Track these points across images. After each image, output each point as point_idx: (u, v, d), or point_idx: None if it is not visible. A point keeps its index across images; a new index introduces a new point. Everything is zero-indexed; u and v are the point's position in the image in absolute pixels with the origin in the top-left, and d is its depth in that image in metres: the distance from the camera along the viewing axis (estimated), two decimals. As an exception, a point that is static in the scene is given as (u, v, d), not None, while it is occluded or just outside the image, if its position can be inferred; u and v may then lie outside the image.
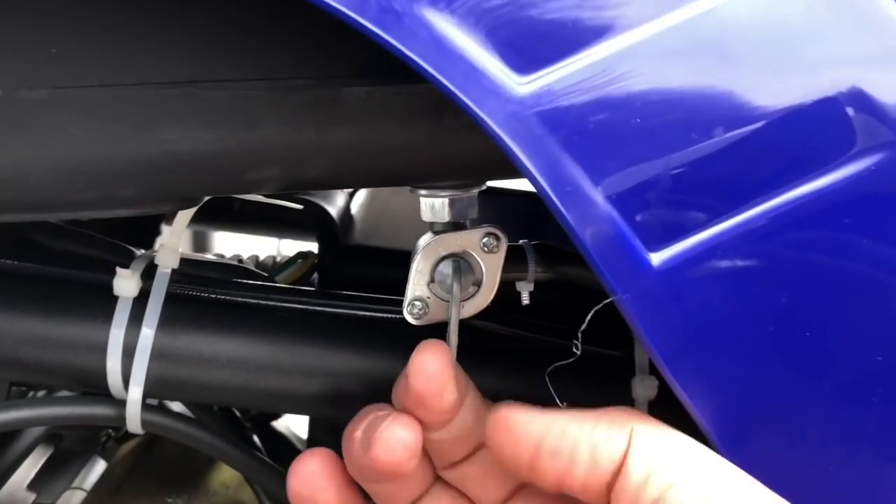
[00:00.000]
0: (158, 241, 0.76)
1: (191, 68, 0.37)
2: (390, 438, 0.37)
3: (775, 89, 0.34)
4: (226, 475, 0.68)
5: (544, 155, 0.33)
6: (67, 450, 0.76)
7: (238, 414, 0.68)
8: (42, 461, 0.75)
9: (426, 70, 0.32)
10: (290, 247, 0.86)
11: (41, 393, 0.66)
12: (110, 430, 0.72)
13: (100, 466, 0.73)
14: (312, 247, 0.78)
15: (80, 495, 0.70)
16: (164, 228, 0.74)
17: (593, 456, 0.36)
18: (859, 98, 0.35)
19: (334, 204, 0.68)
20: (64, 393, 0.68)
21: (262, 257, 0.79)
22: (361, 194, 0.74)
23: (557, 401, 0.40)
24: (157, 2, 0.37)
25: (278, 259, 0.76)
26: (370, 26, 0.31)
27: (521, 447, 0.37)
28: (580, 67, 0.33)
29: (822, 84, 0.34)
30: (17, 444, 0.70)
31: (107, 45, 0.37)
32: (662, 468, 0.35)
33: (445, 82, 0.32)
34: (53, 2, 0.36)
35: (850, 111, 0.35)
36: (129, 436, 0.72)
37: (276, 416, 0.68)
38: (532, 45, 0.33)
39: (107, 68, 0.37)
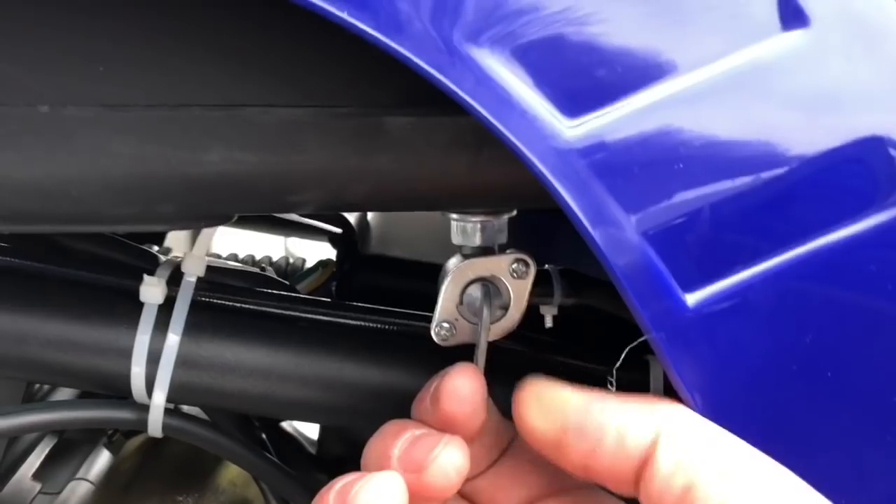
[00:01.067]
0: (168, 239, 0.77)
1: (237, 92, 0.37)
2: (446, 463, 0.37)
3: (812, 138, 0.35)
4: (233, 473, 0.68)
5: (589, 197, 0.33)
6: (70, 440, 0.77)
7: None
8: (46, 452, 0.76)
9: (477, 110, 0.32)
10: (296, 246, 0.87)
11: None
12: (117, 424, 0.73)
13: (104, 458, 0.74)
14: (322, 247, 0.79)
15: (85, 486, 0.71)
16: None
17: (620, 440, 0.35)
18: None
19: (352, 213, 0.69)
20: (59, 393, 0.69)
21: (274, 258, 0.79)
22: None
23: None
24: (206, 25, 0.37)
25: (291, 260, 0.76)
26: (426, 66, 0.32)
27: (547, 422, 0.37)
28: (627, 112, 0.33)
29: (861, 128, 0.35)
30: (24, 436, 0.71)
31: (154, 66, 0.37)
32: (692, 456, 0.34)
33: (494, 121, 0.32)
34: (103, 22, 0.37)
35: (890, 156, 0.35)
36: (136, 431, 0.73)
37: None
38: (581, 90, 0.33)
39: (153, 89, 0.37)
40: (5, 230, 0.42)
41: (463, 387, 0.39)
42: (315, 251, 0.87)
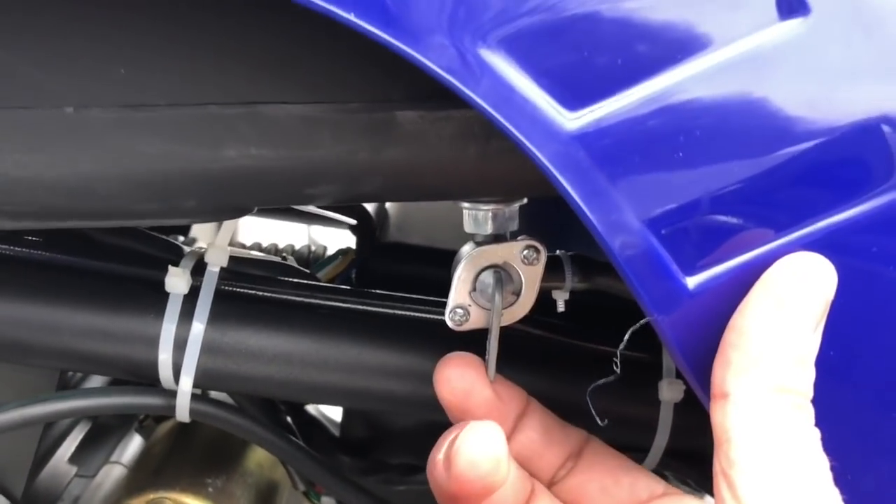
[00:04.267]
0: (193, 230, 0.79)
1: (253, 90, 0.39)
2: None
3: (809, 125, 0.36)
4: (260, 456, 0.70)
5: (590, 185, 0.34)
6: (103, 425, 0.79)
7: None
8: (80, 437, 0.78)
9: (481, 105, 0.33)
10: (320, 233, 0.88)
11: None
12: (148, 409, 0.75)
13: (136, 442, 0.76)
14: (344, 234, 0.80)
15: (119, 469, 0.73)
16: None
17: None
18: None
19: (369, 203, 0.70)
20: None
21: (297, 246, 0.81)
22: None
23: (598, 420, 0.42)
24: (221, 28, 0.38)
25: (314, 248, 0.78)
26: (432, 66, 0.33)
27: None
28: (626, 104, 0.35)
29: (857, 115, 0.36)
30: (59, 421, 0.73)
31: (173, 68, 0.39)
32: None
33: (499, 117, 0.34)
34: (123, 27, 0.38)
35: (890, 140, 0.36)
36: (165, 416, 0.75)
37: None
38: (579, 83, 0.34)
39: (172, 89, 0.39)
40: (38, 226, 0.44)
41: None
42: (338, 239, 0.89)
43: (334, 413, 0.74)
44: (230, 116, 0.39)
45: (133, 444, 0.77)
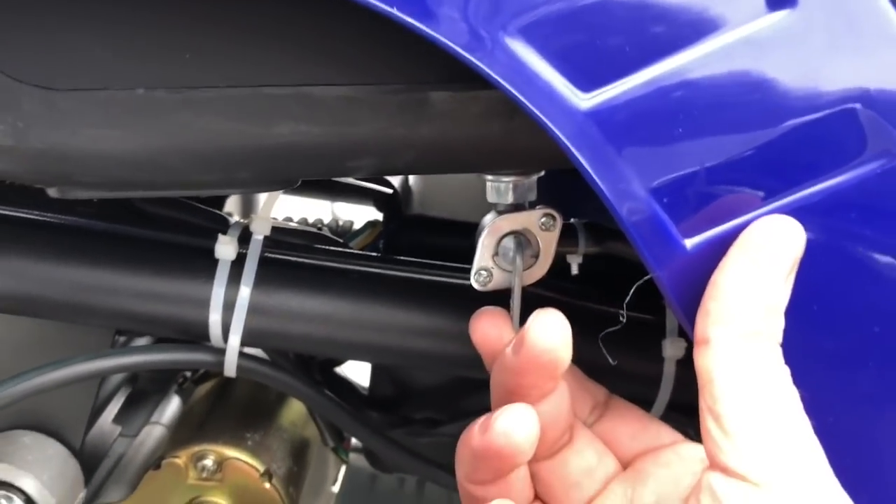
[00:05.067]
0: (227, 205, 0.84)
1: (302, 73, 0.43)
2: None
3: (795, 105, 0.41)
4: (293, 414, 0.76)
5: (601, 159, 0.39)
6: (143, 389, 0.85)
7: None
8: (122, 400, 0.84)
9: (505, 87, 0.38)
10: (341, 210, 0.94)
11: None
12: (186, 373, 0.81)
13: (174, 404, 0.82)
14: (364, 210, 0.85)
15: (160, 429, 0.79)
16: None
17: None
18: (871, 108, 0.41)
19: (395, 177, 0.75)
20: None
21: (311, 220, 0.86)
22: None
23: (609, 359, 0.47)
24: (274, 16, 0.43)
25: (340, 223, 0.83)
26: (462, 52, 0.38)
27: None
28: (633, 86, 0.39)
29: (837, 97, 0.41)
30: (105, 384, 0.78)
31: (231, 53, 0.43)
32: None
33: (521, 98, 0.38)
34: (187, 15, 0.43)
35: (863, 119, 0.41)
36: (204, 378, 0.80)
37: (340, 362, 0.76)
38: (592, 67, 0.39)
39: (231, 72, 0.43)
40: (107, 196, 0.49)
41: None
42: (359, 215, 0.94)
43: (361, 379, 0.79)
44: (282, 96, 0.43)
45: (171, 407, 0.83)
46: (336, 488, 0.96)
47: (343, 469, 0.96)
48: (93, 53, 0.43)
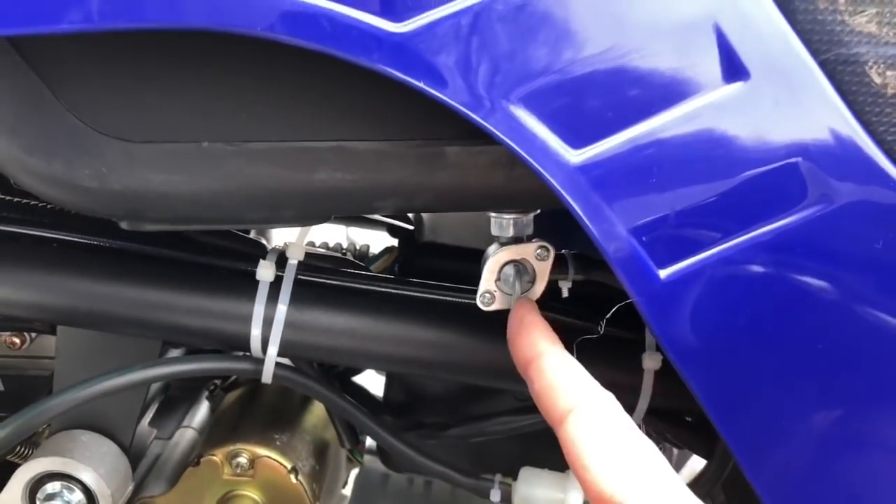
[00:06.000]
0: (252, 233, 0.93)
1: (340, 130, 0.52)
2: None
3: (750, 159, 0.48)
4: (314, 419, 0.84)
5: (590, 204, 0.48)
6: (174, 396, 0.93)
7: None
8: (156, 405, 0.92)
9: (509, 144, 0.47)
10: (357, 234, 1.02)
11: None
12: (217, 381, 0.89)
13: (203, 410, 0.90)
14: (375, 235, 0.94)
15: (190, 432, 0.87)
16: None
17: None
18: (810, 161, 0.49)
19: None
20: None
21: (329, 243, 0.95)
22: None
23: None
24: (317, 84, 0.51)
25: (358, 247, 0.92)
26: (472, 114, 0.46)
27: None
28: (615, 144, 0.47)
29: (783, 152, 0.49)
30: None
31: (281, 112, 0.52)
32: None
33: (523, 153, 0.47)
34: (244, 81, 0.52)
35: (804, 171, 0.49)
36: (232, 386, 0.89)
37: (357, 372, 0.84)
38: (581, 129, 0.47)
39: (280, 129, 0.52)
40: (169, 229, 0.58)
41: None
42: (370, 238, 1.03)
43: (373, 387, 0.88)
44: (322, 149, 0.52)
45: (200, 412, 0.91)
46: (347, 490, 1.05)
47: (354, 472, 1.05)
48: (165, 112, 0.51)
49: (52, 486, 0.69)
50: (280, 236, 1.11)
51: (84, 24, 0.43)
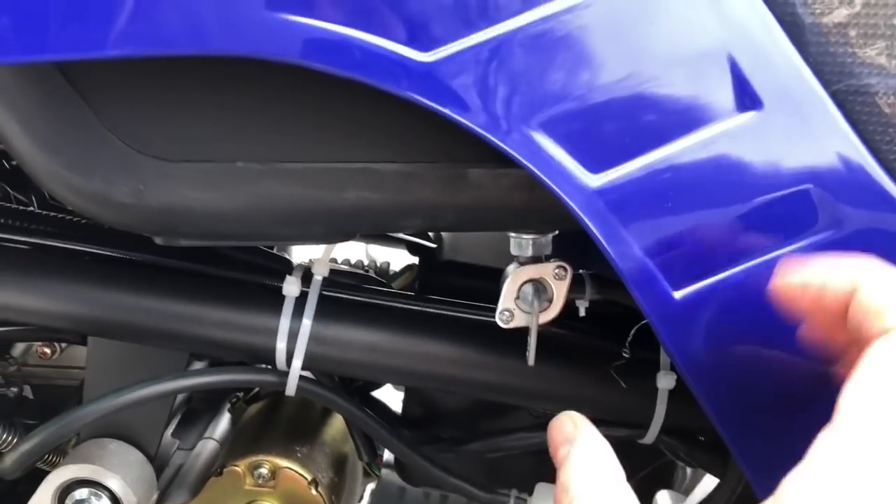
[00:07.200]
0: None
1: (367, 152, 0.54)
2: None
3: (759, 186, 0.50)
4: (333, 431, 0.86)
5: (607, 226, 0.49)
6: (196, 408, 0.95)
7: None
8: (179, 416, 0.94)
9: (530, 168, 0.49)
10: (377, 252, 1.05)
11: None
12: (239, 394, 0.91)
13: (224, 422, 0.92)
14: (394, 252, 0.96)
15: (212, 444, 0.89)
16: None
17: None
18: (821, 187, 0.51)
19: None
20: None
21: (350, 258, 0.97)
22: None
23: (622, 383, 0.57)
24: (346, 110, 0.53)
25: (379, 264, 0.94)
26: (494, 139, 0.48)
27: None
28: (632, 169, 0.49)
29: (795, 178, 0.51)
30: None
31: (311, 135, 0.54)
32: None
33: (543, 177, 0.49)
34: (278, 105, 0.54)
35: (815, 197, 0.51)
36: (254, 399, 0.91)
37: (377, 387, 0.86)
38: (600, 154, 0.49)
39: (310, 151, 0.54)
40: (204, 244, 0.60)
41: None
42: (390, 256, 1.05)
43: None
44: (350, 171, 0.54)
45: (221, 424, 0.93)
46: (363, 504, 1.07)
47: (370, 486, 1.07)
48: (201, 133, 0.53)
49: (80, 493, 0.71)
50: (300, 252, 1.13)
51: (121, 50, 0.45)
